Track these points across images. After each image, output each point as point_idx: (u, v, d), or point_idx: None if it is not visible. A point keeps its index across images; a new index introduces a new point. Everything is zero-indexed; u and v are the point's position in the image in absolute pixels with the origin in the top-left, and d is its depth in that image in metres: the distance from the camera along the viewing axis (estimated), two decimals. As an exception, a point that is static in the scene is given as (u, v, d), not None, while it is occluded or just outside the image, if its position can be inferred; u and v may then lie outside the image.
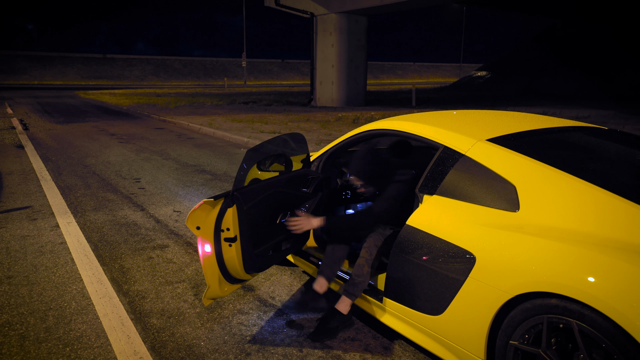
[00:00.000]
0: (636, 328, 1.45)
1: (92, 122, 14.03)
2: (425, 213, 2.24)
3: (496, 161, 2.12)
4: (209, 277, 2.22)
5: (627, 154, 2.50)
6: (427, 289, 2.16)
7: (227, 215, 2.19)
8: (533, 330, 1.78)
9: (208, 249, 2.19)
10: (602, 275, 1.58)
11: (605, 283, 1.56)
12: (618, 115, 14.36)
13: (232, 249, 2.24)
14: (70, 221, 4.54)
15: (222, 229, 2.20)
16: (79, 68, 61.55)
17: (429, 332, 2.21)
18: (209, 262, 2.20)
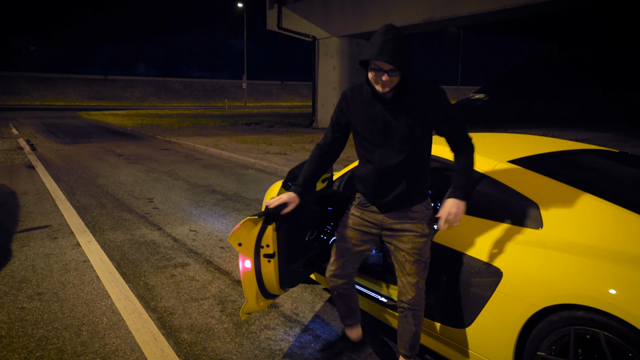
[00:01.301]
0: (661, 336, 1.56)
1: (98, 142, 14.19)
2: (451, 230, 2.37)
3: (518, 181, 2.26)
4: (247, 292, 2.33)
5: (638, 175, 2.64)
6: (454, 302, 2.27)
7: (267, 232, 2.31)
8: (560, 342, 1.89)
9: (248, 265, 2.30)
10: (625, 286, 1.69)
11: (628, 294, 1.67)
12: (616, 138, 14.60)
13: (270, 264, 2.35)
14: (90, 240, 4.65)
15: (262, 245, 2.32)
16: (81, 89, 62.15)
17: (456, 345, 2.31)
18: (249, 277, 2.31)
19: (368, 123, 2.13)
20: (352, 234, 2.31)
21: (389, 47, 1.91)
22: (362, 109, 2.14)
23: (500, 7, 12.88)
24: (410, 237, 2.18)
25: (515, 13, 13.79)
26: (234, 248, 4.42)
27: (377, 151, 2.13)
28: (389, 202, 2.18)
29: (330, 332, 2.90)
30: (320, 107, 20.75)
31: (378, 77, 1.98)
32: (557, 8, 13.16)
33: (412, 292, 2.18)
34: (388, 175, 2.13)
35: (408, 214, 2.19)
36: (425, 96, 2.06)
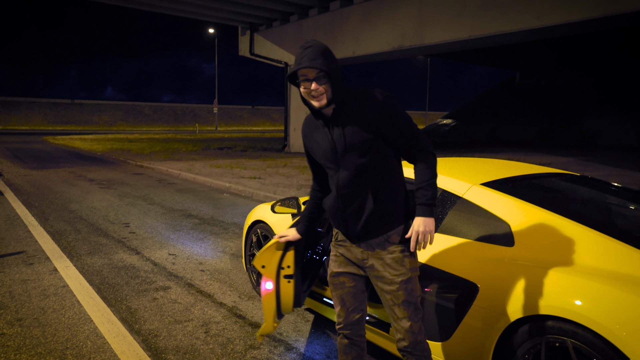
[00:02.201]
0: (621, 341, 1.73)
1: (67, 167, 13.96)
2: (430, 248, 2.52)
3: (491, 203, 2.44)
4: (267, 314, 2.41)
5: (598, 196, 2.87)
6: (433, 317, 2.41)
7: (288, 254, 2.42)
8: (532, 351, 2.04)
9: (270, 286, 2.39)
10: (589, 297, 1.87)
11: (592, 304, 1.84)
12: (577, 162, 15.27)
13: (289, 285, 2.45)
14: (68, 265, 4.61)
15: (283, 267, 2.42)
16: (46, 113, 60.88)
17: (436, 358, 2.44)
18: (269, 298, 2.40)
19: (320, 147, 2.05)
20: (343, 277, 2.14)
21: (307, 54, 1.88)
22: (314, 134, 2.08)
23: (466, 36, 13.47)
24: (392, 278, 1.99)
25: (480, 42, 14.42)
26: (214, 271, 4.48)
27: (335, 174, 2.02)
28: (361, 227, 2.00)
29: (313, 350, 2.99)
30: (293, 132, 20.97)
31: (308, 90, 1.90)
32: (518, 39, 13.84)
33: (408, 338, 2.01)
34: (350, 196, 1.99)
35: (385, 245, 2.01)
36: (366, 101, 1.93)
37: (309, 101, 1.96)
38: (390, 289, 2.01)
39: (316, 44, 1.91)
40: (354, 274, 2.14)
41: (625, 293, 1.82)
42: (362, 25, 16.78)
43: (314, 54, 1.87)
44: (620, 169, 13.24)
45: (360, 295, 2.17)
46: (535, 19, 11.80)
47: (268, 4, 18.40)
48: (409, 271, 2.01)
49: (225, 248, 5.34)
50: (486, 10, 12.82)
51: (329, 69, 1.87)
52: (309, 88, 1.90)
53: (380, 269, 2.02)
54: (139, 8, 19.99)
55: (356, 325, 2.17)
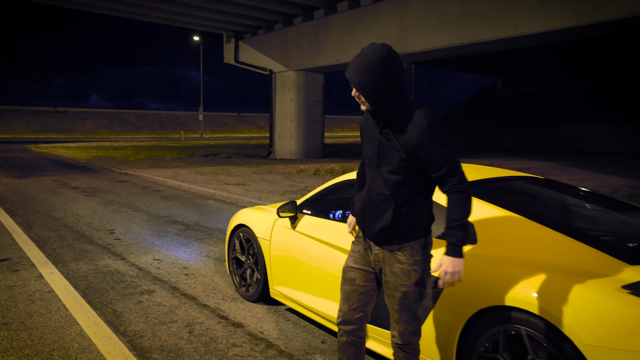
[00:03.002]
0: (567, 327, 1.90)
1: (51, 176, 13.92)
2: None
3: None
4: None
5: (559, 197, 3.06)
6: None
7: None
8: (492, 339, 2.20)
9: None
10: (542, 289, 2.04)
11: (544, 295, 2.02)
12: (556, 167, 15.63)
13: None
14: (53, 271, 4.69)
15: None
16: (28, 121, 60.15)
17: (407, 351, 2.59)
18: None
19: (369, 146, 2.14)
20: (355, 274, 2.22)
21: (354, 62, 1.94)
22: (368, 131, 2.15)
23: (447, 45, 13.78)
24: (396, 286, 2.09)
25: (461, 50, 14.76)
26: (198, 275, 4.59)
27: (372, 175, 2.13)
28: (376, 234, 2.10)
29: (293, 347, 3.12)
30: (278, 139, 21.11)
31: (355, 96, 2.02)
32: (498, 47, 14.19)
33: (400, 337, 2.13)
34: (375, 202, 2.09)
35: (396, 256, 2.09)
36: (413, 122, 1.95)
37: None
38: (392, 294, 2.10)
39: (366, 54, 1.91)
40: (367, 272, 2.21)
41: (572, 284, 1.99)
42: (345, 34, 17.05)
43: (356, 66, 1.93)
44: (596, 172, 13.62)
45: (368, 297, 2.22)
46: (514, 28, 12.14)
47: (253, 12, 18.59)
48: (414, 285, 2.08)
49: (209, 253, 5.45)
50: (466, 19, 13.15)
51: (360, 87, 1.93)
52: (353, 93, 2.02)
53: (387, 274, 2.12)
54: (123, 16, 20.05)
55: (356, 324, 2.21)
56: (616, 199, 3.25)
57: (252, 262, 3.92)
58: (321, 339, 3.25)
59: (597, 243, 2.25)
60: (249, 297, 3.93)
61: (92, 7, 18.51)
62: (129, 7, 18.30)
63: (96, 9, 18.80)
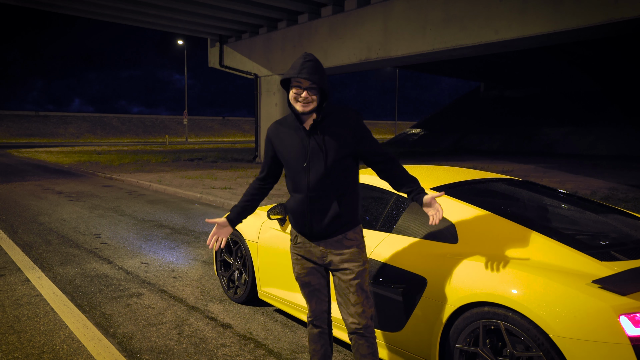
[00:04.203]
0: (542, 320, 2.00)
1: (34, 180, 13.78)
2: (385, 247, 2.78)
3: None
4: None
5: (535, 198, 3.19)
6: (388, 309, 2.66)
7: None
8: (472, 334, 2.31)
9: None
10: (519, 285, 2.14)
11: (520, 290, 2.12)
12: (537, 169, 15.93)
13: None
14: (40, 275, 4.69)
15: None
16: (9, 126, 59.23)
17: (392, 347, 2.69)
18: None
19: (293, 151, 2.24)
20: (308, 278, 2.38)
21: (307, 66, 2.12)
22: (287, 138, 2.27)
23: (429, 49, 13.99)
24: (350, 268, 2.25)
25: (443, 55, 14.99)
26: (186, 277, 4.64)
27: (304, 178, 2.22)
28: (325, 227, 2.23)
29: (281, 346, 3.19)
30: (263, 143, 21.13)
31: (298, 95, 2.14)
32: (479, 51, 14.45)
33: (360, 322, 2.24)
34: (318, 201, 2.22)
35: (343, 242, 2.26)
36: (345, 119, 2.22)
37: (293, 105, 2.19)
38: (348, 278, 2.26)
39: (316, 60, 2.16)
40: (316, 270, 2.38)
41: (547, 280, 2.11)
42: (330, 38, 17.18)
43: (314, 69, 2.13)
44: (575, 175, 13.92)
45: (325, 289, 2.42)
46: (494, 34, 12.39)
47: (237, 16, 18.63)
48: (364, 263, 2.29)
49: (196, 256, 5.49)
50: (447, 24, 13.38)
51: (323, 86, 2.14)
52: (300, 95, 2.15)
53: (338, 263, 2.28)
54: (106, 20, 19.93)
55: (324, 314, 2.43)
56: (591, 199, 3.39)
57: (240, 264, 3.99)
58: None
59: (571, 241, 2.37)
60: (237, 298, 3.99)
61: (74, 10, 18.38)
62: (111, 11, 18.21)
63: (78, 12, 18.67)
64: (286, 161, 2.31)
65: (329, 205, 2.23)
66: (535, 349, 2.04)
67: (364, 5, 15.86)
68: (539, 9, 11.42)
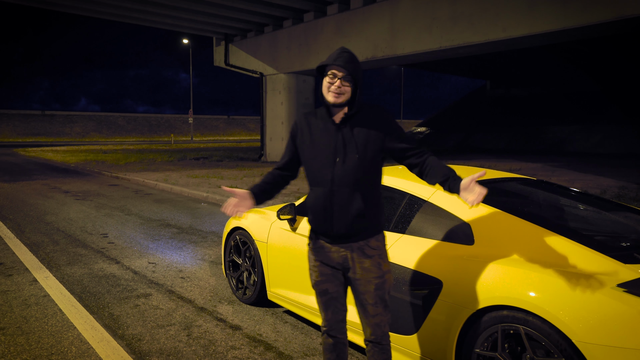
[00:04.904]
0: (565, 325, 1.94)
1: (41, 180, 13.80)
2: (399, 249, 2.72)
3: (454, 205, 2.66)
4: None
5: (552, 198, 3.12)
6: (402, 312, 2.60)
7: None
8: (490, 339, 2.25)
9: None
10: (539, 288, 2.08)
11: (542, 294, 2.06)
12: (545, 168, 15.80)
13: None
14: (47, 275, 4.66)
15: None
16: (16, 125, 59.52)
17: (405, 351, 2.63)
18: None
19: (321, 142, 2.16)
20: (325, 285, 2.26)
21: (344, 57, 2.09)
22: (315, 129, 2.19)
23: (436, 47, 13.89)
24: (370, 279, 2.16)
25: (450, 53, 14.88)
26: (194, 278, 4.59)
27: (329, 171, 2.12)
28: (347, 226, 2.12)
29: (292, 349, 3.14)
30: (269, 142, 21.11)
31: (331, 84, 2.09)
32: (486, 49, 14.33)
33: (377, 332, 2.20)
34: (341, 195, 2.11)
35: (365, 250, 2.16)
36: (376, 115, 2.16)
37: (324, 95, 2.12)
38: (367, 289, 2.16)
39: (353, 54, 2.13)
40: (335, 278, 2.25)
41: (569, 283, 2.04)
42: (335, 37, 17.10)
43: (350, 59, 2.09)
44: (584, 173, 13.79)
45: (342, 297, 2.29)
46: (502, 31, 12.28)
47: (243, 15, 18.58)
48: (385, 273, 2.19)
49: (204, 256, 5.45)
50: (454, 22, 13.27)
51: (357, 77, 2.10)
52: (333, 84, 2.09)
53: (358, 272, 2.17)
54: (111, 19, 19.94)
55: (340, 324, 2.30)
56: (607, 199, 3.32)
57: (249, 265, 3.94)
58: (319, 341, 3.27)
59: (591, 243, 2.31)
60: (246, 299, 3.94)
61: (80, 10, 18.39)
62: (117, 10, 18.21)
63: (84, 11, 18.68)
64: (311, 153, 2.19)
65: (352, 201, 2.11)
66: (557, 355, 1.98)
67: (370, 3, 15.77)
68: (547, 5, 11.30)
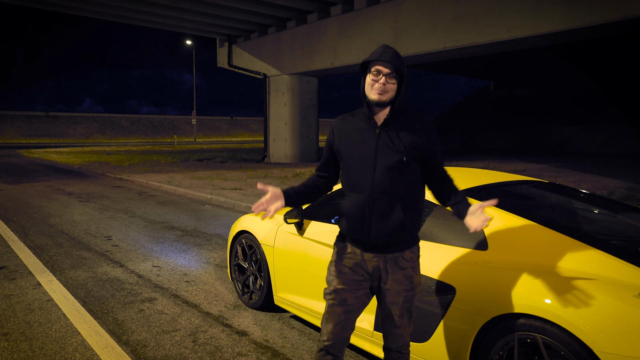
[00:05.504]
0: (586, 334, 1.88)
1: (44, 181, 13.78)
2: (410, 255, 2.65)
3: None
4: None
5: (566, 202, 3.06)
6: (415, 319, 2.54)
7: None
8: (506, 347, 2.18)
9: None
10: (557, 295, 2.02)
11: (560, 301, 1.99)
12: (549, 169, 15.70)
13: None
14: (51, 279, 4.61)
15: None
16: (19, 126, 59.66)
17: (418, 359, 2.56)
18: None
19: (361, 145, 2.03)
20: (346, 294, 2.08)
21: (389, 52, 1.96)
22: (354, 131, 2.06)
23: (440, 48, 13.82)
24: (400, 291, 2.06)
25: (454, 54, 14.81)
26: (199, 282, 4.54)
27: (369, 177, 1.99)
28: (385, 236, 2.00)
29: (299, 356, 3.08)
30: (272, 143, 21.06)
31: (375, 81, 1.96)
32: (491, 50, 14.25)
33: (400, 342, 2.15)
34: (382, 202, 1.98)
35: (399, 262, 2.05)
36: (420, 119, 2.04)
37: (367, 94, 2.00)
38: (395, 300, 2.07)
39: (396, 50, 2.01)
40: (360, 288, 2.09)
41: (589, 291, 1.98)
42: (339, 37, 17.05)
43: (396, 55, 1.97)
44: (590, 174, 13.69)
45: (359, 311, 2.13)
46: (506, 31, 12.20)
47: (246, 16, 18.55)
48: (415, 287, 2.11)
49: (209, 259, 5.40)
50: (459, 23, 13.20)
51: (402, 75, 1.98)
52: (377, 81, 1.96)
53: (390, 283, 2.06)
54: (115, 21, 19.94)
55: (344, 342, 2.13)
56: (620, 201, 3.25)
57: (255, 269, 3.88)
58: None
59: (609, 248, 2.24)
60: (252, 304, 3.88)
61: (83, 11, 18.40)
62: (120, 12, 18.21)
63: (87, 12, 18.69)
64: (348, 156, 2.06)
65: (393, 209, 1.98)
66: (577, 365, 1.91)
67: (374, 4, 15.72)
68: (552, 6, 11.22)
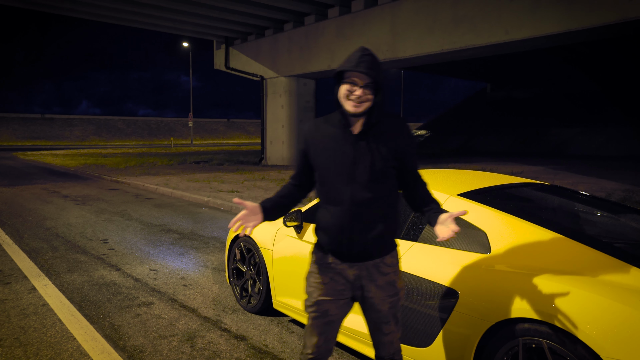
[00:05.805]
0: (592, 340, 1.84)
1: (40, 184, 13.69)
2: (411, 258, 2.62)
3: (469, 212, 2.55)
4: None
5: (568, 204, 3.02)
6: (416, 324, 2.50)
7: None
8: (511, 353, 2.14)
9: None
10: (563, 300, 1.98)
11: (565, 306, 1.96)
12: (547, 171, 15.70)
13: None
14: (46, 283, 4.55)
15: None
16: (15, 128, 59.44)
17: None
18: None
19: (336, 156, 1.94)
20: (328, 305, 2.02)
21: (365, 60, 1.85)
22: (329, 140, 1.97)
23: (438, 50, 13.81)
24: (384, 298, 2.01)
25: (451, 56, 14.80)
26: (197, 285, 4.49)
27: (347, 189, 1.92)
28: (366, 246, 1.96)
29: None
30: (269, 145, 21.02)
31: (351, 93, 1.86)
32: (488, 52, 14.25)
33: (391, 349, 2.10)
34: (361, 213, 1.93)
35: (380, 268, 2.00)
36: (398, 127, 1.98)
37: (342, 103, 1.90)
38: (381, 308, 2.02)
39: (374, 55, 1.90)
40: (341, 298, 2.03)
41: (594, 295, 1.94)
42: (337, 39, 17.03)
43: (372, 63, 1.86)
44: (587, 176, 13.70)
45: (340, 322, 2.07)
46: (504, 34, 12.20)
47: (243, 18, 18.52)
48: (399, 291, 2.06)
49: (206, 262, 5.34)
50: (456, 25, 13.20)
51: (380, 85, 1.89)
52: (353, 92, 1.86)
53: (372, 290, 2.00)
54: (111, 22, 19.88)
55: (328, 353, 2.07)
56: (625, 204, 3.22)
57: (254, 273, 3.83)
58: None
59: (615, 251, 2.21)
60: (250, 308, 3.84)
61: (79, 13, 18.33)
62: (116, 14, 18.14)
63: (84, 15, 18.62)
64: (324, 167, 1.97)
65: (374, 220, 1.94)
66: (584, 371, 1.87)
67: (372, 6, 15.70)
68: (550, 8, 11.23)
